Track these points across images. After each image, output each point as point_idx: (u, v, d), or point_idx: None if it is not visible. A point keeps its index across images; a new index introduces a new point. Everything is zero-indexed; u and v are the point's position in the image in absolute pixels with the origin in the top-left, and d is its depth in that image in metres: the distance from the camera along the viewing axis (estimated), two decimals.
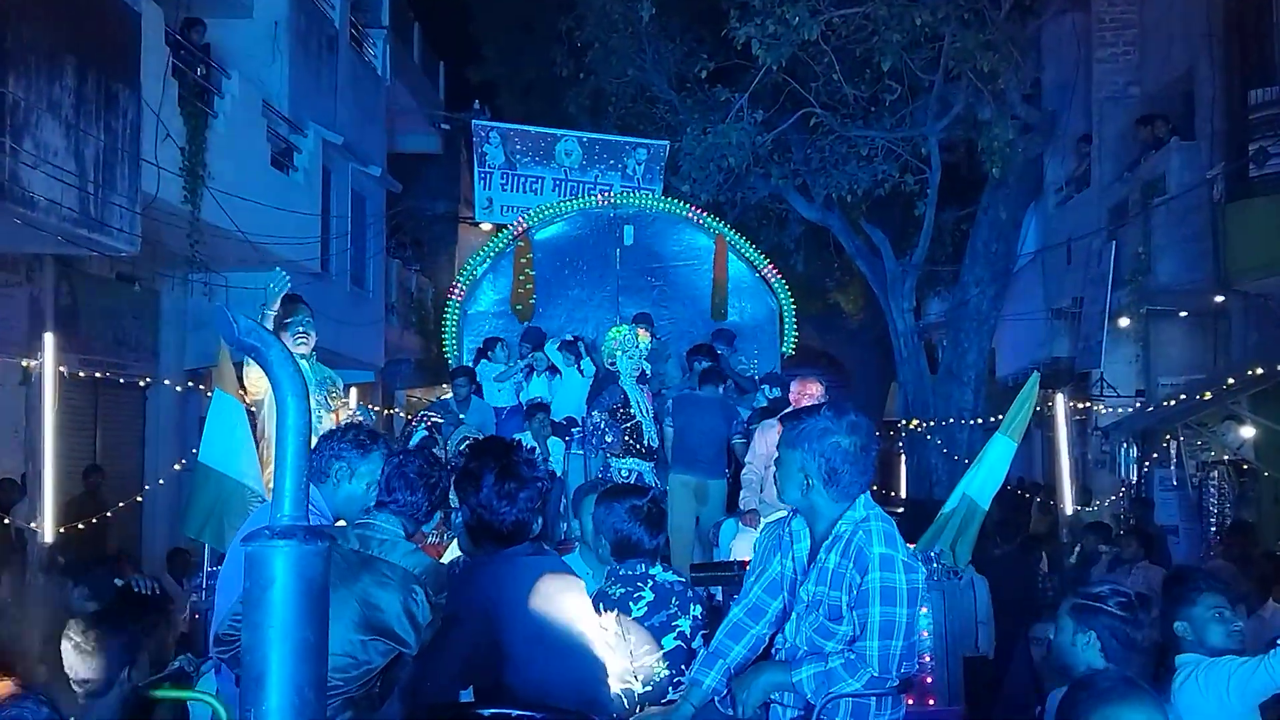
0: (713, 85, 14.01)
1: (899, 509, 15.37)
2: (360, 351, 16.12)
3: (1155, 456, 12.62)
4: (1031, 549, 10.43)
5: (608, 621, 3.54)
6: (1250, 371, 10.30)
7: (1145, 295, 12.64)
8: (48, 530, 7.70)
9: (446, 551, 5.48)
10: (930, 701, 5.41)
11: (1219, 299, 12.10)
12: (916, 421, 15.07)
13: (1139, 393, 13.57)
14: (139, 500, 10.80)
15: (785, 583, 3.40)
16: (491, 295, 11.00)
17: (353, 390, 6.38)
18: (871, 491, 3.38)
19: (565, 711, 3.14)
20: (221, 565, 4.60)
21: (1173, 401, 11.81)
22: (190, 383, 11.75)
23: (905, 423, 15.75)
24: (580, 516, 4.70)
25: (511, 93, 19.37)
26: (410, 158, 21.24)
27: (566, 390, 9.77)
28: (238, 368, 5.96)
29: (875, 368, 21.29)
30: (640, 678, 3.52)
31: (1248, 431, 10.80)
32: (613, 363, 8.79)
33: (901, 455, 19.67)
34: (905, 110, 13.55)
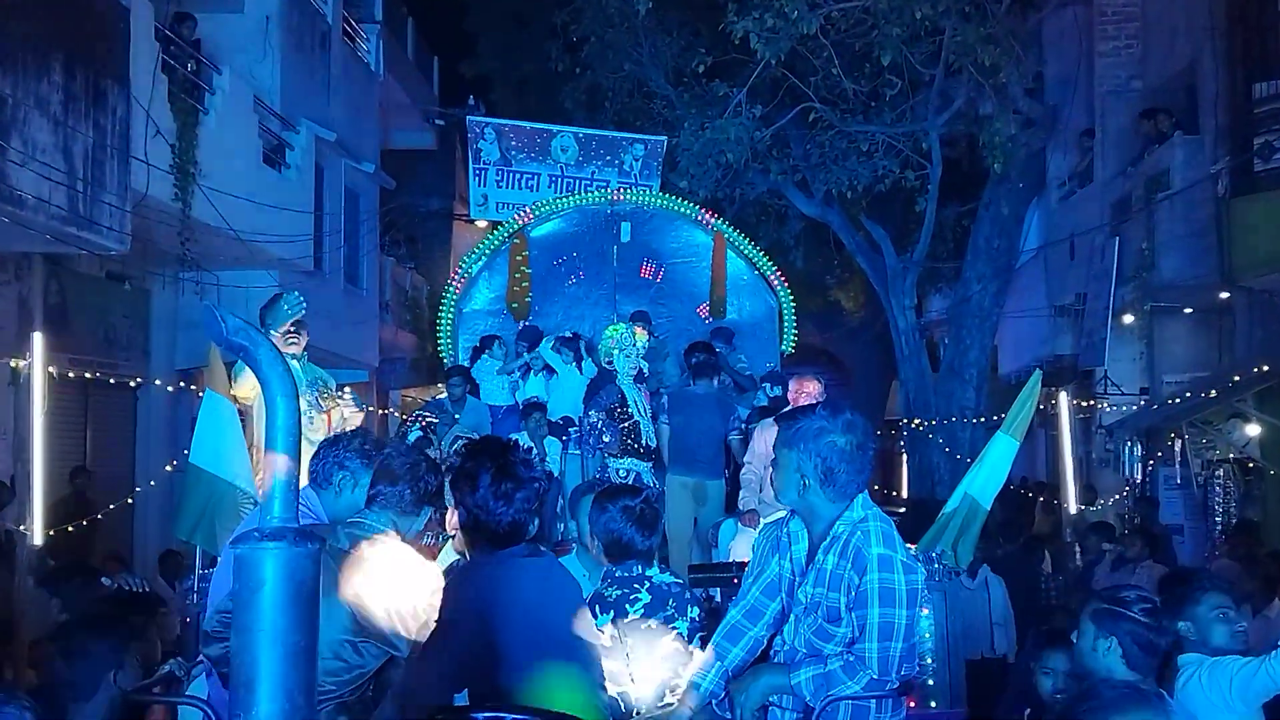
0: (710, 80, 13.99)
1: (900, 509, 15.38)
2: (354, 350, 16.11)
3: (1160, 455, 12.61)
4: (1034, 549, 10.42)
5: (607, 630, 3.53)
6: (1256, 369, 10.30)
7: (1149, 292, 12.63)
8: (37, 533, 7.70)
9: (441, 552, 5.48)
10: (932, 704, 5.41)
11: (1224, 295, 12.09)
12: (918, 420, 15.06)
13: (1143, 390, 13.56)
14: (130, 502, 10.78)
15: (783, 584, 3.40)
16: (487, 293, 11.00)
17: (347, 390, 6.33)
18: (872, 491, 3.37)
19: (560, 715, 3.13)
20: (214, 568, 4.59)
21: (1177, 399, 11.81)
22: (182, 383, 11.72)
23: (907, 421, 15.76)
24: (577, 517, 4.71)
25: (507, 88, 19.36)
26: (404, 154, 21.20)
27: (563, 389, 9.77)
28: (229, 367, 5.95)
29: (876, 366, 21.29)
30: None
31: (1253, 429, 10.80)
32: (610, 361, 8.79)
33: (903, 454, 19.69)
34: (906, 105, 13.55)
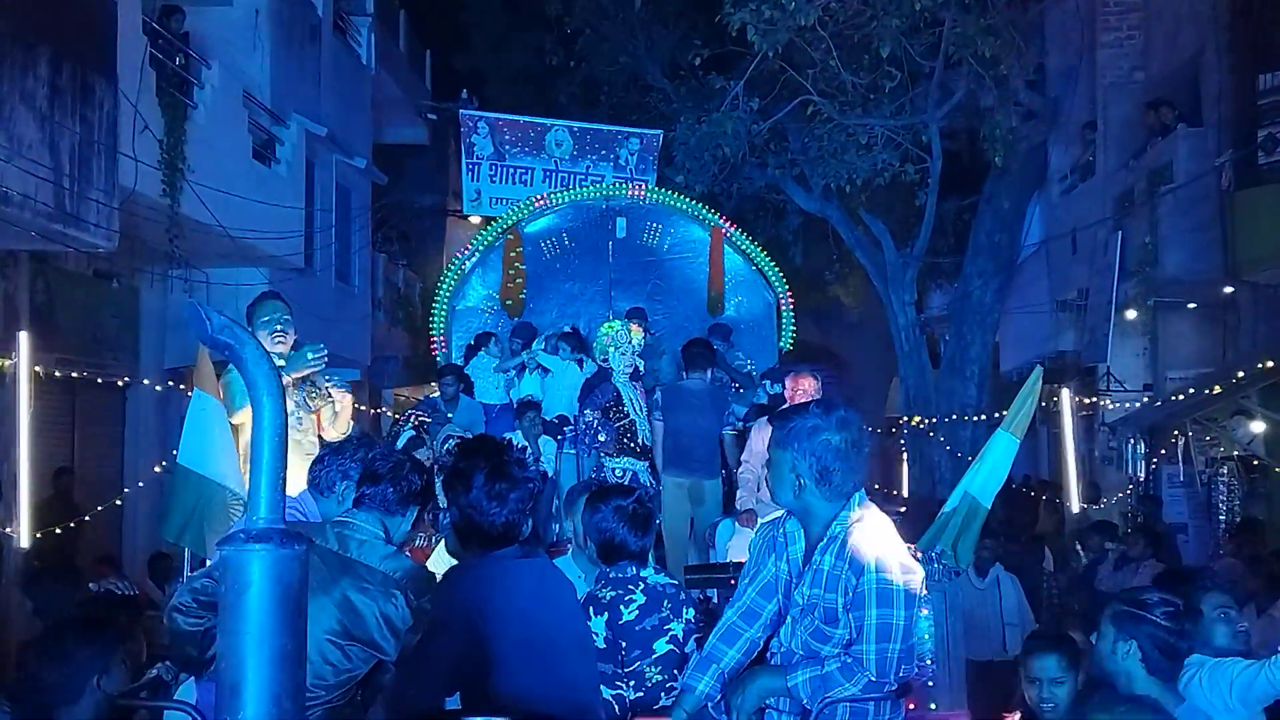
0: (707, 73, 13.98)
1: (901, 508, 15.37)
2: (346, 349, 16.09)
3: (1163, 452, 12.62)
4: (1036, 548, 10.44)
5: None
6: (1260, 364, 10.29)
7: (1152, 287, 12.64)
8: (23, 535, 7.69)
9: (433, 553, 5.49)
10: (932, 706, 5.41)
11: (1228, 290, 12.10)
12: (918, 418, 15.07)
13: (1146, 387, 13.57)
14: (118, 504, 10.77)
15: (780, 585, 3.39)
16: (480, 290, 10.99)
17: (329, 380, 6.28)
18: (872, 490, 3.37)
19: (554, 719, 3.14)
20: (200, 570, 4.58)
21: (1181, 396, 11.82)
22: (170, 382, 11.72)
23: (907, 419, 15.76)
24: (573, 518, 4.71)
25: (500, 82, 19.35)
26: (396, 149, 21.19)
27: (558, 388, 9.75)
28: (217, 366, 5.93)
29: (876, 362, 21.30)
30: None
31: (1258, 426, 10.80)
32: (605, 359, 8.77)
33: (903, 453, 19.68)
34: (905, 97, 13.53)
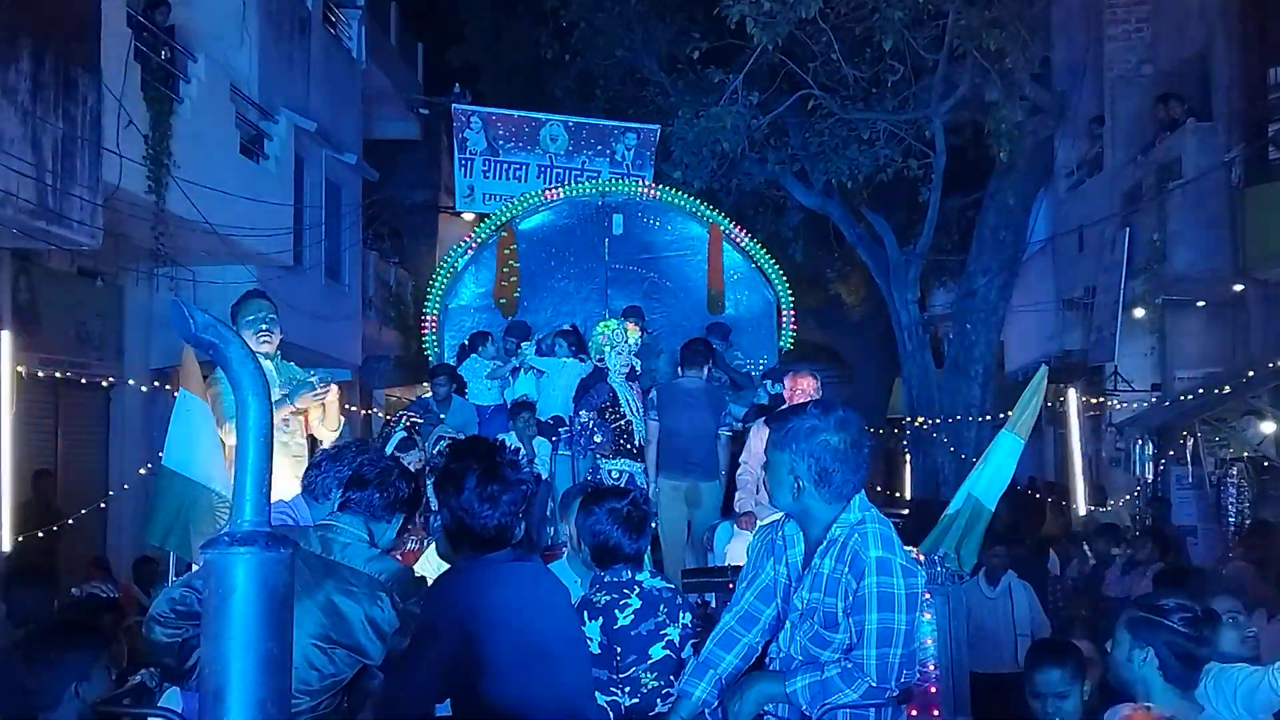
0: (705, 66, 13.98)
1: (903, 510, 15.38)
2: (336, 348, 16.10)
3: (1172, 454, 12.63)
4: (1042, 552, 10.44)
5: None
6: (1271, 363, 10.31)
7: (1161, 284, 12.65)
8: (5, 538, 7.69)
9: (423, 556, 5.50)
10: (935, 713, 5.40)
11: (1238, 288, 12.11)
12: (922, 418, 15.07)
13: (1154, 387, 13.58)
14: (103, 507, 10.76)
15: (778, 589, 3.39)
16: (474, 288, 10.98)
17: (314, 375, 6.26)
18: (875, 492, 3.36)
19: None
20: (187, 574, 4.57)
21: (1190, 396, 11.83)
22: (156, 383, 11.71)
23: (910, 420, 15.77)
24: (567, 521, 4.71)
25: (494, 76, 19.32)
26: (388, 144, 21.19)
27: (554, 388, 9.74)
28: (203, 366, 5.93)
29: (878, 362, 21.30)
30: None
31: (1268, 427, 10.82)
32: (601, 359, 8.76)
33: (906, 454, 19.70)
34: (908, 91, 13.54)
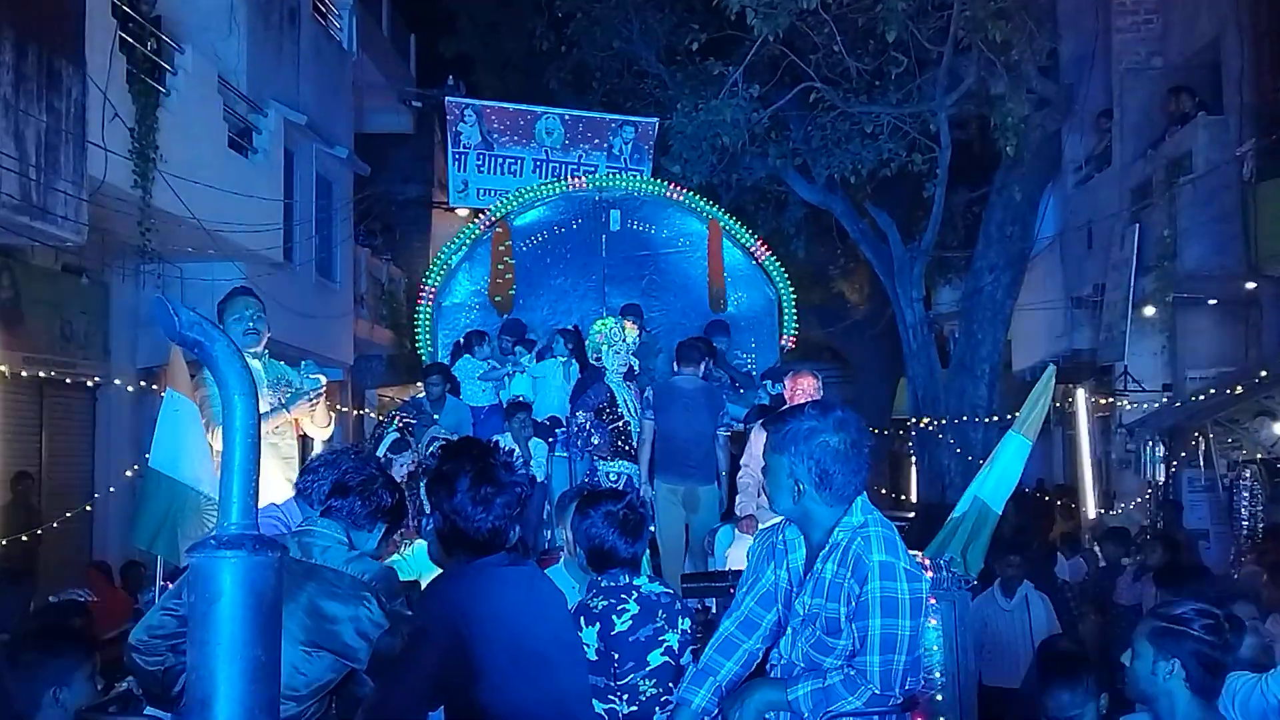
0: (705, 58, 13.97)
1: (909, 513, 15.38)
2: (328, 347, 16.10)
3: (1183, 455, 12.64)
4: (1050, 556, 10.44)
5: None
6: None
7: (1171, 282, 12.65)
8: None
9: (411, 549, 5.57)
10: None
11: (1250, 285, 12.11)
12: (927, 419, 15.07)
13: (1165, 387, 13.58)
14: (88, 510, 10.75)
15: (779, 594, 3.39)
16: (468, 286, 10.98)
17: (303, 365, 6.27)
18: (879, 495, 3.36)
19: None
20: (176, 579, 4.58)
21: (1201, 396, 11.83)
22: (143, 383, 11.70)
23: (915, 421, 15.76)
24: (563, 524, 4.71)
25: (488, 68, 19.31)
26: (379, 138, 21.20)
27: (550, 388, 9.74)
28: (193, 367, 5.93)
29: (882, 362, 21.30)
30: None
31: None
32: (598, 358, 8.75)
33: (911, 456, 19.69)
34: (912, 84, 13.53)
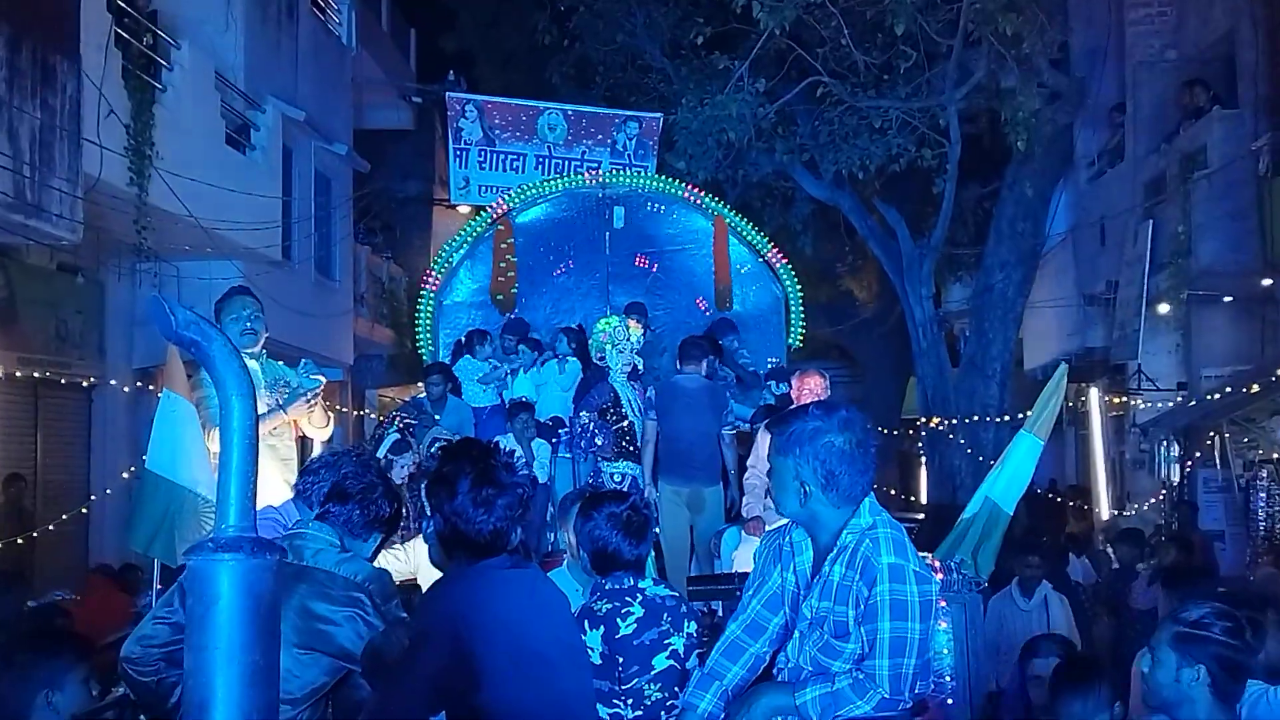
0: (710, 52, 13.97)
1: (919, 515, 15.37)
2: (327, 347, 16.11)
3: (1199, 455, 12.63)
4: (1063, 558, 10.42)
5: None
6: None
7: (1186, 279, 12.63)
8: None
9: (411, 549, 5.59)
10: None
11: (1266, 282, 12.10)
12: (937, 419, 15.06)
13: (1180, 386, 13.57)
14: (84, 512, 10.77)
15: (786, 597, 3.38)
16: (469, 284, 10.99)
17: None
18: (889, 496, 3.35)
19: None
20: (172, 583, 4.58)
21: (1217, 395, 11.82)
22: (139, 383, 11.73)
23: (925, 421, 15.76)
24: (567, 526, 4.71)
25: (489, 62, 19.30)
26: (379, 134, 21.20)
27: (552, 388, 9.74)
28: (189, 367, 5.94)
29: (891, 361, 21.29)
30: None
31: None
32: (602, 357, 8.76)
33: (921, 457, 19.68)
34: (921, 78, 13.51)
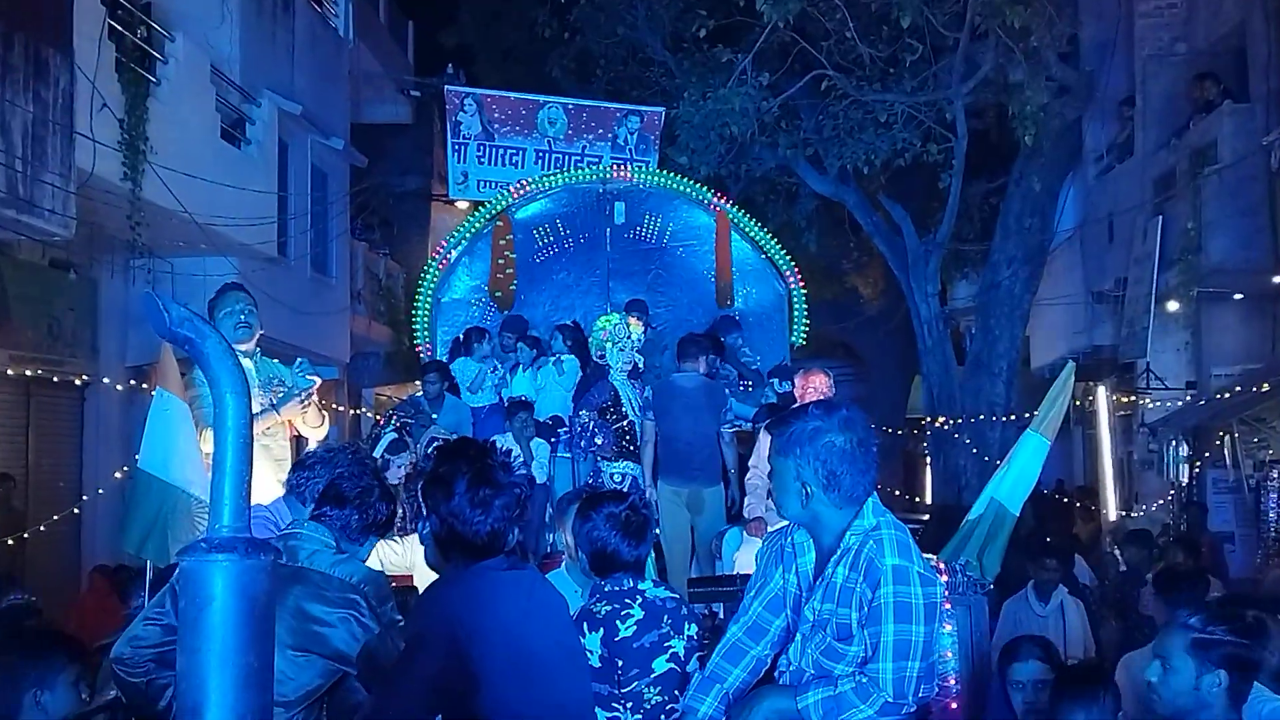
0: (713, 45, 13.96)
1: (923, 515, 15.37)
2: (323, 345, 16.11)
3: (1208, 455, 12.62)
4: (1069, 560, 10.41)
5: None
6: None
7: (1195, 276, 12.63)
8: None
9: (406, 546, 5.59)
10: None
11: (1277, 279, 12.10)
12: (942, 418, 15.06)
13: (1189, 384, 13.57)
14: (75, 512, 10.78)
15: (788, 599, 3.38)
16: (468, 281, 10.99)
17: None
18: (894, 496, 3.35)
19: None
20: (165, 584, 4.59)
21: (1227, 394, 11.82)
22: (133, 381, 11.73)
23: (930, 420, 15.76)
24: (565, 527, 4.72)
25: (489, 55, 19.29)
26: (377, 129, 21.19)
27: (551, 388, 9.74)
28: (183, 365, 5.94)
29: (896, 359, 21.29)
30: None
31: None
32: (602, 355, 8.76)
33: (926, 456, 19.68)
34: (928, 72, 13.51)
